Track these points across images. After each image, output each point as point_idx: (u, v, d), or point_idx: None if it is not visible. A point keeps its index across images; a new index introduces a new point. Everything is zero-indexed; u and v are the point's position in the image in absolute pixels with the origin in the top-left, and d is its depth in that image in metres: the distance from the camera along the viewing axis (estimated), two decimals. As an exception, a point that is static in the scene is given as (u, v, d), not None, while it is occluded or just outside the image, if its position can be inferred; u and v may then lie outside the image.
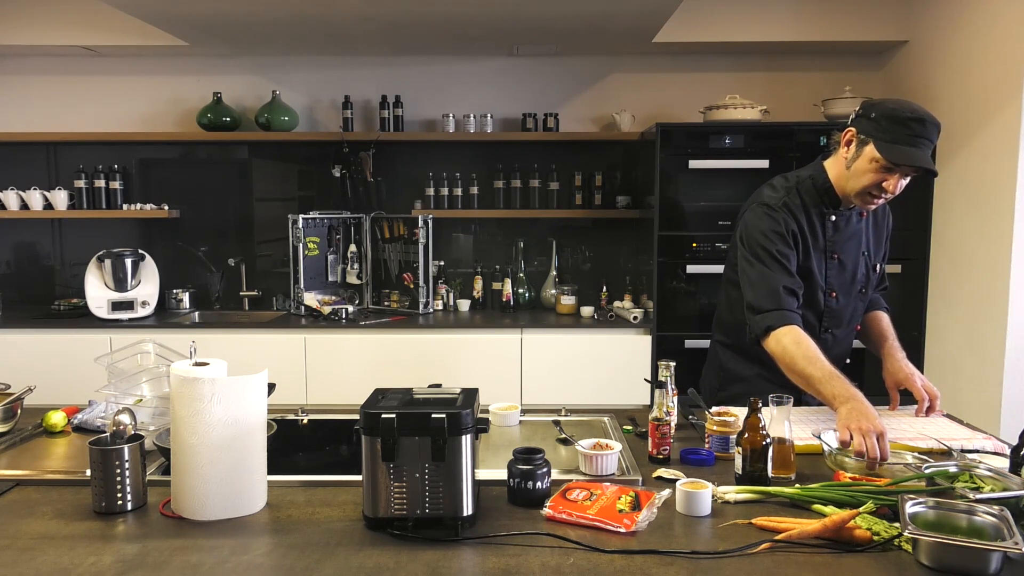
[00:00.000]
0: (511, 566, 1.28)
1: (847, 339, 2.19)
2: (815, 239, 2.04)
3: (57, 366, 3.64)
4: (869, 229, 2.13)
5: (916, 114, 1.85)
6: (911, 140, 1.85)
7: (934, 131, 1.87)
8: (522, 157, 4.25)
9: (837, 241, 2.06)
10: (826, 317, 2.11)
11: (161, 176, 4.37)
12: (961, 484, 1.46)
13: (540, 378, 3.80)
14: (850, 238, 2.08)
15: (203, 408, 1.44)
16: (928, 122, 1.86)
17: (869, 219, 2.13)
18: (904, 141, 1.85)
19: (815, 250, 2.05)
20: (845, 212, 2.06)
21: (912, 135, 1.85)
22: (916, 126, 1.85)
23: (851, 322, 2.17)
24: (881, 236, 2.19)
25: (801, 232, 2.03)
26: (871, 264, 2.14)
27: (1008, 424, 3.11)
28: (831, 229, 2.06)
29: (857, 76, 4.18)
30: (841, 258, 2.07)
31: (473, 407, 1.43)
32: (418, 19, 3.46)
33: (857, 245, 2.10)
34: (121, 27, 3.84)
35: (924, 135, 1.85)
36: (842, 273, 2.08)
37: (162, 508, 1.50)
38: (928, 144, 1.87)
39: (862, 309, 2.20)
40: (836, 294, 2.09)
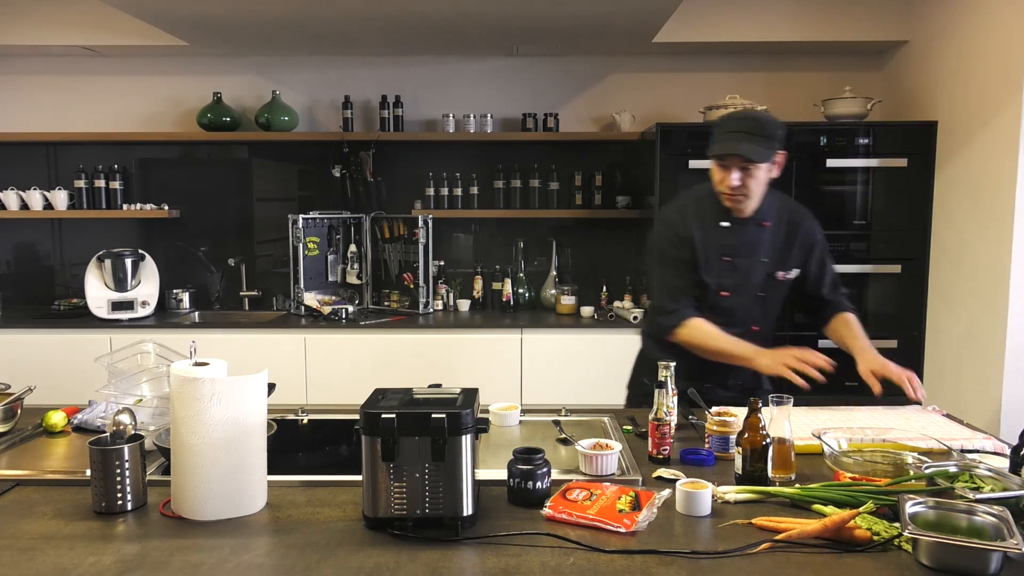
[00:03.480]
0: (511, 566, 1.28)
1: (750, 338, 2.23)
2: (710, 244, 2.23)
3: (57, 366, 3.64)
4: (776, 240, 2.25)
5: (731, 113, 2.12)
6: (725, 136, 2.09)
7: (748, 123, 2.07)
8: (522, 157, 4.25)
9: (730, 246, 2.22)
10: (718, 314, 2.24)
11: (161, 176, 4.37)
12: (961, 484, 1.46)
13: (540, 378, 3.80)
14: (745, 245, 2.22)
15: (203, 408, 1.44)
16: (737, 117, 2.11)
17: (776, 231, 2.24)
18: (721, 138, 2.10)
19: (709, 253, 2.23)
20: (740, 221, 2.22)
21: (726, 131, 2.09)
22: (729, 123, 2.10)
23: (747, 322, 2.28)
24: (789, 250, 2.26)
25: (693, 237, 2.22)
26: (772, 272, 2.25)
27: (1008, 424, 3.12)
28: (724, 235, 2.22)
29: (857, 76, 4.18)
30: (735, 262, 2.23)
31: (473, 407, 1.43)
32: (418, 19, 3.46)
33: (753, 252, 2.23)
34: (121, 27, 3.84)
35: (737, 128, 2.07)
36: (734, 275, 2.23)
37: (162, 508, 1.50)
38: (744, 135, 2.06)
39: (764, 313, 2.31)
40: (728, 293, 2.24)
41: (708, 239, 2.22)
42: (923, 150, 3.67)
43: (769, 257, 2.24)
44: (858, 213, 3.74)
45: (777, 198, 2.28)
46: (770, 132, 2.08)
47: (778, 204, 2.27)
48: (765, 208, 2.22)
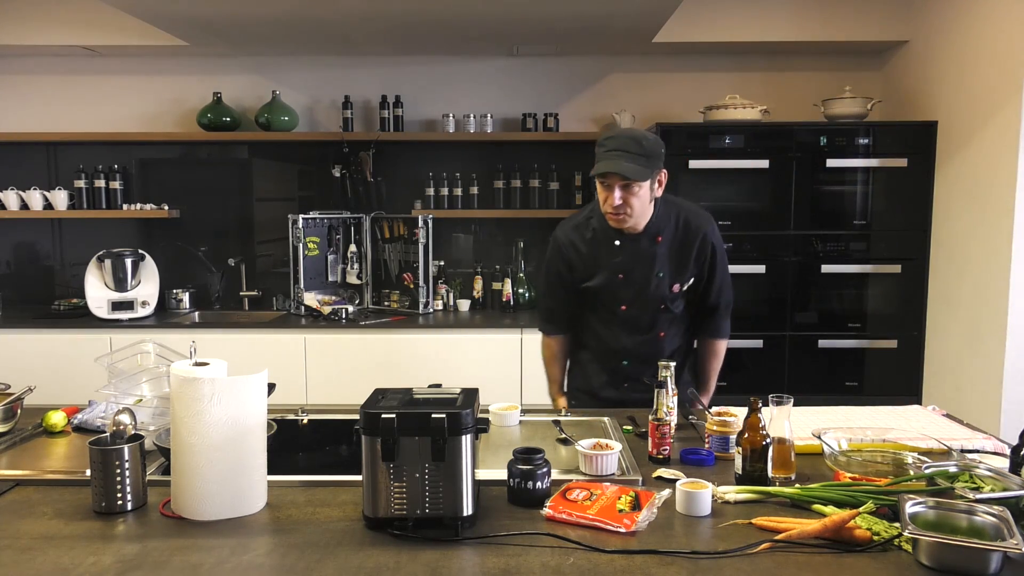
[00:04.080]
0: (511, 566, 1.28)
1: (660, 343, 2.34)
2: (604, 259, 2.28)
3: (57, 366, 3.64)
4: (671, 253, 2.28)
5: (609, 132, 2.14)
6: (604, 155, 2.10)
7: (626, 141, 2.08)
8: (522, 157, 4.25)
9: (623, 262, 2.26)
10: (622, 325, 2.33)
11: (161, 176, 4.37)
12: (961, 484, 1.46)
13: (540, 378, 3.77)
14: (638, 260, 2.26)
15: (203, 408, 1.44)
16: (616, 136, 2.10)
17: (668, 245, 2.27)
18: (600, 158, 2.10)
19: (604, 269, 2.28)
20: (632, 238, 2.25)
21: (605, 151, 2.10)
22: (608, 142, 2.11)
23: (653, 330, 2.34)
24: (686, 261, 2.29)
25: (585, 256, 2.30)
26: (668, 284, 2.28)
27: (1008, 424, 3.12)
28: (617, 253, 2.26)
29: (857, 76, 4.18)
30: (628, 277, 2.27)
31: (473, 407, 1.43)
32: (418, 19, 3.46)
33: (648, 266, 2.26)
34: (121, 27, 3.84)
35: (616, 147, 2.08)
36: (630, 290, 2.28)
37: (162, 508, 1.50)
38: (621, 153, 2.07)
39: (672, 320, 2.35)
40: (627, 307, 2.30)
41: (602, 257, 2.27)
42: (923, 150, 3.67)
43: (665, 271, 2.27)
44: (858, 213, 3.74)
45: (674, 209, 2.28)
46: (649, 151, 2.09)
47: (675, 215, 2.27)
48: (658, 222, 2.24)
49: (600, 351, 2.39)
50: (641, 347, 2.32)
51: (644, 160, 2.08)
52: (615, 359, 2.37)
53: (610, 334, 2.34)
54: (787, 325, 3.80)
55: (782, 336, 3.79)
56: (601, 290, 2.29)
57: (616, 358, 2.36)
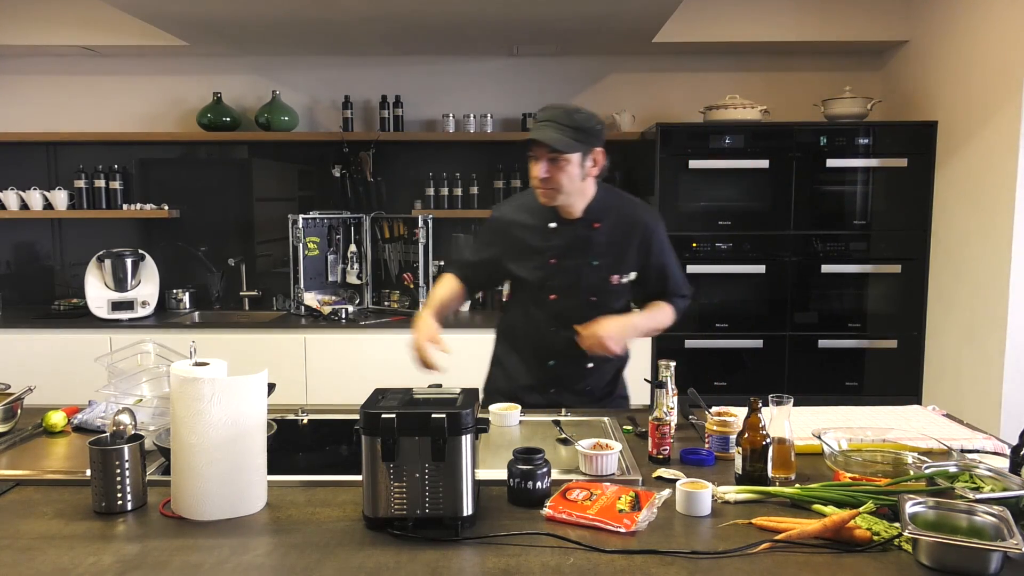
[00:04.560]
0: (511, 566, 1.28)
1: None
2: (535, 243, 2.18)
3: (57, 366, 3.64)
4: (609, 242, 2.16)
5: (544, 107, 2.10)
6: (536, 126, 2.06)
7: (557, 113, 2.04)
8: (522, 157, 4.19)
9: (557, 247, 2.16)
10: (551, 318, 2.20)
11: (161, 176, 4.37)
12: (961, 484, 1.46)
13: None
14: (573, 246, 2.15)
15: (203, 408, 1.44)
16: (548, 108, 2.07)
17: (610, 232, 2.16)
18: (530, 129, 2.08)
19: (534, 253, 2.18)
20: (568, 221, 2.16)
21: (536, 122, 2.08)
22: (540, 114, 2.08)
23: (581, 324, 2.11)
24: (626, 253, 2.17)
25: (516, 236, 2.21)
26: (605, 275, 2.17)
27: (1008, 424, 3.12)
28: (552, 236, 2.16)
29: (857, 76, 4.18)
30: (561, 262, 2.16)
31: (473, 407, 1.43)
32: (418, 19, 3.46)
33: (582, 254, 2.15)
34: (121, 27, 3.84)
35: (545, 118, 2.05)
36: (562, 276, 2.16)
37: (162, 508, 1.50)
38: (551, 124, 2.02)
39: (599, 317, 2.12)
40: (557, 296, 2.17)
41: (536, 239, 2.18)
42: (923, 150, 3.67)
43: (600, 260, 2.16)
44: (858, 213, 3.74)
45: (616, 198, 2.21)
46: (580, 124, 2.02)
47: (616, 204, 2.19)
48: (597, 208, 2.15)
49: (525, 347, 2.27)
50: (570, 347, 2.12)
51: (573, 132, 2.01)
52: (541, 357, 2.23)
53: (537, 327, 2.19)
54: (787, 325, 3.80)
55: (782, 336, 3.79)
56: (531, 274, 2.18)
57: (542, 356, 2.23)
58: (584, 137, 2.04)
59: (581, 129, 2.03)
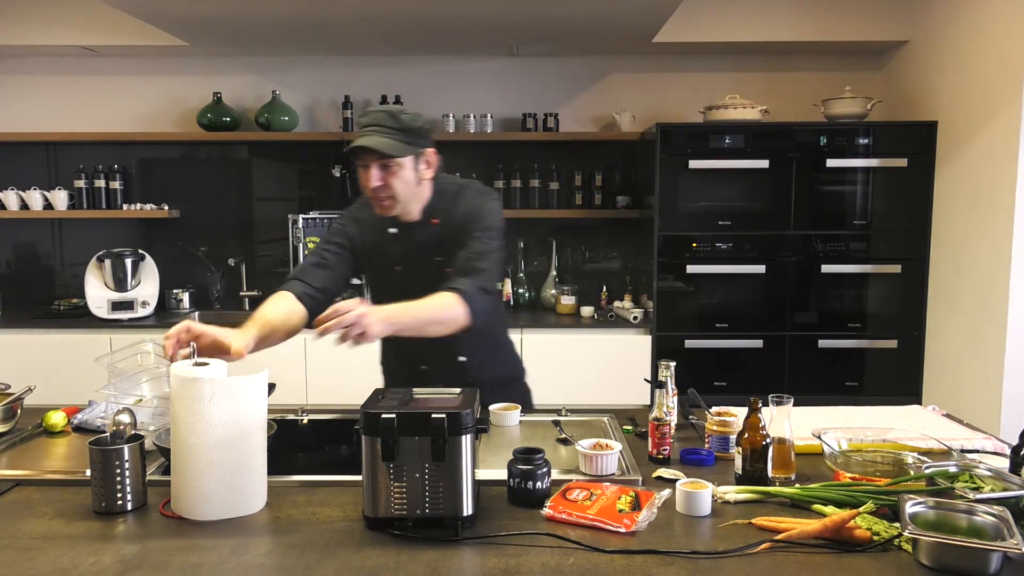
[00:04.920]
0: (511, 566, 1.28)
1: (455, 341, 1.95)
2: (380, 251, 2.07)
3: (57, 366, 3.64)
4: (447, 236, 2.03)
5: (365, 111, 1.94)
6: (360, 133, 1.91)
7: (381, 116, 1.90)
8: (522, 157, 4.25)
9: (400, 253, 2.06)
10: None
11: (161, 176, 4.37)
12: (961, 484, 1.46)
13: (540, 378, 3.77)
14: (415, 249, 2.04)
15: (203, 408, 1.44)
16: (371, 112, 1.93)
17: (445, 227, 2.03)
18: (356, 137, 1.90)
19: (380, 261, 2.08)
20: (409, 226, 2.04)
21: (360, 128, 1.92)
22: (362, 119, 1.93)
23: None
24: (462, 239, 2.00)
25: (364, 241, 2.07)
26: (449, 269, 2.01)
27: (1008, 424, 3.12)
28: (393, 243, 2.06)
29: (857, 76, 4.18)
30: (407, 269, 2.05)
31: (473, 407, 1.43)
32: (418, 19, 3.46)
33: (427, 254, 2.04)
34: (121, 27, 3.84)
35: (369, 124, 1.90)
36: (410, 283, 1.98)
37: (162, 508, 1.50)
38: (377, 128, 1.89)
39: None
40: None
41: (378, 246, 2.06)
42: (923, 150, 3.67)
43: (443, 256, 2.03)
44: (858, 213, 3.74)
45: (454, 188, 2.06)
46: (407, 125, 1.89)
47: (453, 194, 2.04)
48: (434, 206, 2.03)
49: (397, 355, 2.21)
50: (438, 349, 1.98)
51: (401, 135, 1.88)
52: (414, 365, 2.14)
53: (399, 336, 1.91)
54: (787, 325, 3.80)
55: (782, 336, 3.79)
56: (380, 284, 2.09)
57: (415, 363, 2.14)
58: (414, 139, 1.91)
59: (409, 131, 1.90)
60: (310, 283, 2.03)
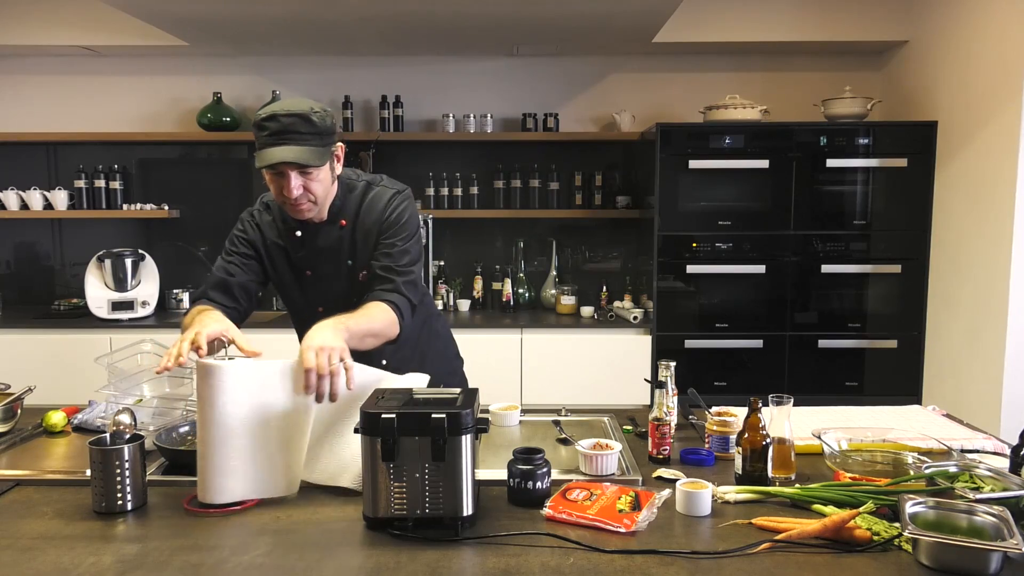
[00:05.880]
0: (511, 566, 1.28)
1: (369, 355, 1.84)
2: (287, 255, 1.98)
3: (57, 366, 3.64)
4: (355, 237, 1.96)
5: (269, 112, 1.76)
6: (272, 140, 1.75)
7: (294, 122, 1.75)
8: (522, 157, 4.25)
9: (308, 256, 1.97)
10: None
11: (161, 176, 4.37)
12: (961, 484, 1.46)
13: (540, 378, 3.80)
14: (324, 251, 1.96)
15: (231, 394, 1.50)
16: (278, 116, 1.75)
17: (355, 229, 1.96)
18: (266, 144, 1.76)
19: (288, 266, 1.99)
20: (313, 227, 1.94)
21: (270, 134, 1.75)
22: (271, 124, 1.75)
23: None
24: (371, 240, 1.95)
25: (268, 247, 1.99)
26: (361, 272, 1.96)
27: (1008, 424, 3.12)
28: (299, 246, 1.97)
29: (857, 76, 4.18)
30: (317, 272, 1.98)
31: (473, 407, 1.43)
32: (418, 19, 3.46)
33: (337, 256, 1.96)
34: (121, 27, 3.84)
35: (284, 129, 1.75)
36: (321, 287, 1.96)
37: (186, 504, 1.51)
38: (296, 136, 1.75)
39: None
40: (324, 308, 1.89)
41: (284, 251, 1.98)
42: (923, 150, 3.67)
43: (353, 258, 1.96)
44: (858, 213, 3.74)
45: (362, 185, 1.97)
46: (321, 127, 1.78)
47: (361, 192, 1.96)
48: (342, 204, 1.94)
49: None
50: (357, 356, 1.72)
51: (318, 139, 1.77)
52: None
53: None
54: (787, 325, 3.80)
55: (782, 336, 3.79)
56: (290, 290, 2.00)
57: None
58: (328, 140, 1.81)
59: (323, 133, 1.78)
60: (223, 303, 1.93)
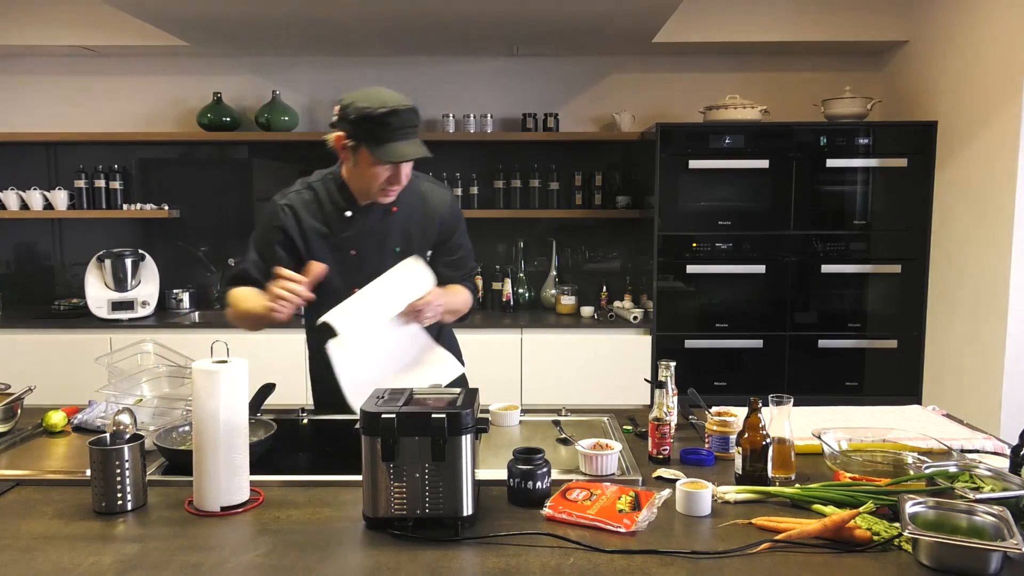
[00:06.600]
0: (511, 566, 1.28)
1: None
2: (329, 235, 2.04)
3: (57, 366, 3.64)
4: (407, 225, 2.06)
5: (388, 107, 1.84)
6: (395, 135, 1.85)
7: (410, 116, 1.87)
8: (522, 157, 4.25)
9: (354, 237, 2.03)
10: None
11: (161, 176, 4.37)
12: (961, 484, 1.46)
13: (540, 378, 3.80)
14: (370, 234, 2.04)
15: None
16: (401, 110, 1.84)
17: (406, 218, 2.05)
18: (389, 138, 1.85)
19: (328, 246, 2.03)
20: (365, 209, 2.03)
21: (393, 130, 1.85)
22: (393, 119, 1.84)
23: None
24: (426, 232, 2.08)
25: (304, 230, 2.05)
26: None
27: (1008, 424, 3.12)
28: (348, 226, 2.03)
29: (857, 76, 4.18)
30: (361, 254, 2.03)
31: (473, 407, 1.43)
32: (418, 19, 3.46)
33: (381, 241, 2.04)
34: (121, 27, 3.84)
35: (403, 125, 1.85)
36: (361, 269, 2.00)
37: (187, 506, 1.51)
38: (411, 130, 1.88)
39: None
40: (357, 290, 1.97)
41: (331, 233, 2.03)
42: (923, 150, 3.67)
43: (402, 245, 2.04)
44: (858, 213, 3.74)
45: (413, 178, 2.07)
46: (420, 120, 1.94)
47: (413, 185, 2.06)
48: None
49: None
50: None
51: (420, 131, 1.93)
52: None
53: None
54: (787, 325, 3.80)
55: (782, 336, 3.79)
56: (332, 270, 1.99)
57: None
58: None
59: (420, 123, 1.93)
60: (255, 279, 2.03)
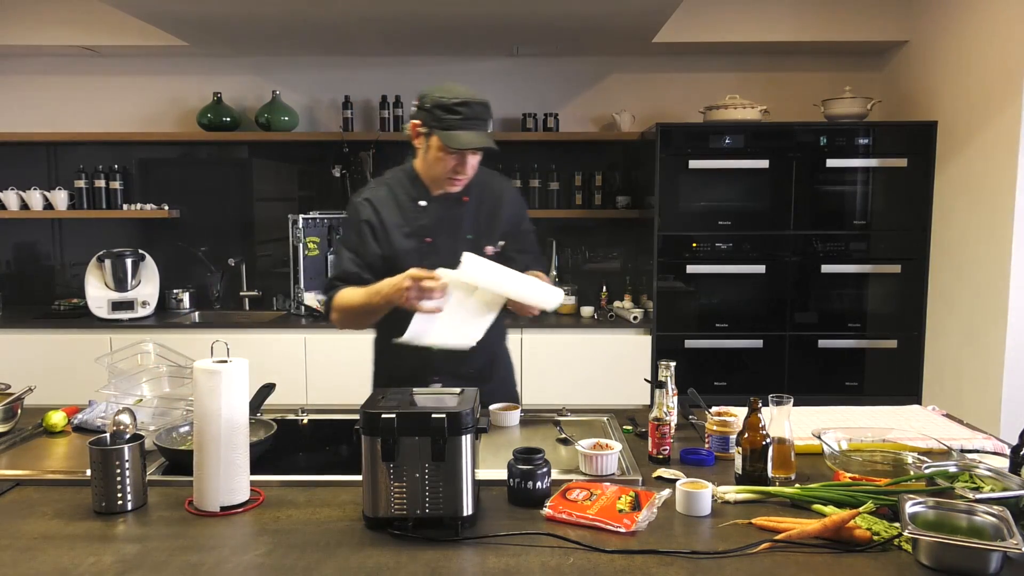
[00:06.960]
0: (511, 566, 1.28)
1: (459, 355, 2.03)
2: (405, 225, 2.11)
3: (57, 366, 3.64)
4: (478, 215, 2.15)
5: (460, 98, 1.94)
6: (463, 124, 1.94)
7: (481, 109, 1.96)
8: (522, 157, 4.25)
9: (428, 225, 2.11)
10: None
11: (161, 176, 4.37)
12: (961, 484, 1.46)
13: (540, 378, 3.80)
14: (443, 223, 2.12)
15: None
16: (472, 102, 1.94)
17: (479, 205, 2.14)
18: (458, 126, 1.94)
19: (405, 235, 2.11)
20: (437, 199, 2.12)
21: (463, 119, 1.94)
22: (464, 109, 1.94)
23: None
24: (495, 222, 2.17)
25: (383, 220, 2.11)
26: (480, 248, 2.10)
27: (1008, 424, 3.12)
28: (423, 215, 2.11)
29: (857, 76, 4.18)
30: (436, 243, 2.11)
31: (473, 407, 1.43)
32: (418, 19, 3.46)
33: (454, 229, 2.12)
34: (121, 27, 3.84)
35: (473, 115, 1.95)
36: (437, 255, 2.04)
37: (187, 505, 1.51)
38: (480, 122, 1.96)
39: None
40: None
41: (407, 223, 2.11)
42: (923, 150, 3.67)
43: (474, 233, 2.12)
44: (858, 213, 3.74)
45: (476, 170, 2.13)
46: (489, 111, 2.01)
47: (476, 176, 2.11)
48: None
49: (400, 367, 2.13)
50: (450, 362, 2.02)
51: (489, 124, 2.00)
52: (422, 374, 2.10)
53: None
54: (787, 325, 3.80)
55: (782, 336, 3.79)
56: (406, 259, 2.05)
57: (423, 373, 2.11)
58: None
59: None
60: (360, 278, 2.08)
